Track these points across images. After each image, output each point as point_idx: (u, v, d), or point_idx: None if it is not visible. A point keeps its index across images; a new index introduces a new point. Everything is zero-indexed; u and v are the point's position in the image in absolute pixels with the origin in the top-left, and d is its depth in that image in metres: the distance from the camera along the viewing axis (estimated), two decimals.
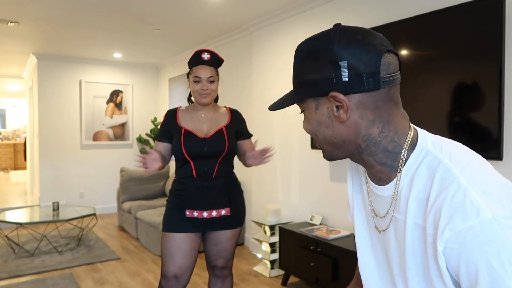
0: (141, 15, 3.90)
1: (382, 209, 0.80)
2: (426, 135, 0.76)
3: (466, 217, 0.62)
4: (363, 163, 0.79)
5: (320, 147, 0.82)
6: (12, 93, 10.94)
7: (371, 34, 0.72)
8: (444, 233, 0.64)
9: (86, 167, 6.18)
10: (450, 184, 0.66)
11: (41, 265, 3.77)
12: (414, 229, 0.71)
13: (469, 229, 0.61)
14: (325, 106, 0.75)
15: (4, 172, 11.28)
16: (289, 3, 3.52)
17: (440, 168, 0.69)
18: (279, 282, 3.34)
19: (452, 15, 2.28)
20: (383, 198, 0.79)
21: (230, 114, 2.13)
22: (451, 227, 0.63)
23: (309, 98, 0.76)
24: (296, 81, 0.78)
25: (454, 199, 0.64)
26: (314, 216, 3.33)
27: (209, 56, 2.03)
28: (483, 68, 2.14)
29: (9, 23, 4.12)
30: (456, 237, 0.63)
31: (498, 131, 2.09)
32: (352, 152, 0.77)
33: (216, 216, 2.02)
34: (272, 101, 3.91)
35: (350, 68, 0.70)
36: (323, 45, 0.72)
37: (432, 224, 0.67)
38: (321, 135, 0.78)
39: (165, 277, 2.01)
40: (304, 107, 0.78)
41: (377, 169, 0.77)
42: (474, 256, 0.61)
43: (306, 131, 0.80)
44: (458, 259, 0.63)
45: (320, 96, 0.74)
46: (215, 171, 2.02)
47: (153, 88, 6.76)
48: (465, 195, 0.63)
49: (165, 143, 2.10)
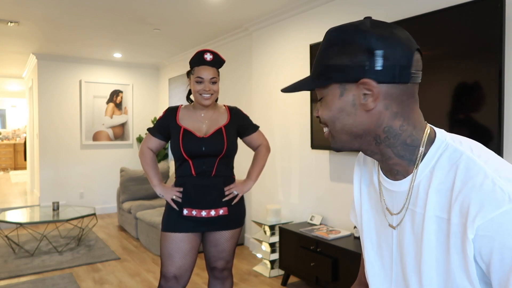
0: (141, 15, 3.90)
1: (397, 205, 0.79)
2: (444, 132, 0.77)
3: (498, 204, 0.62)
4: (379, 155, 0.78)
5: (332, 137, 0.79)
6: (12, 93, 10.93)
7: (403, 30, 0.74)
8: (476, 220, 0.63)
9: (86, 167, 6.18)
10: (477, 174, 0.66)
11: (41, 265, 3.77)
12: (433, 221, 0.71)
13: (503, 214, 0.61)
14: (352, 93, 0.74)
15: (4, 172, 11.27)
16: (289, 3, 3.52)
17: (463, 159, 0.69)
18: (279, 282, 3.34)
19: (452, 15, 2.28)
20: (399, 193, 0.78)
21: (229, 112, 2.12)
22: (483, 214, 0.62)
23: (335, 83, 0.75)
24: (320, 66, 0.76)
25: (483, 187, 0.64)
26: (314, 216, 3.33)
27: (211, 57, 2.02)
28: (483, 68, 2.14)
29: (9, 23, 4.12)
30: (488, 224, 0.62)
31: (498, 131, 2.09)
32: (369, 143, 0.77)
33: (214, 216, 2.02)
34: (272, 101, 3.91)
35: (385, 58, 0.71)
36: (360, 33, 0.72)
37: (459, 214, 0.66)
38: (340, 123, 0.77)
39: (165, 278, 2.01)
40: (325, 93, 0.77)
41: (395, 161, 0.76)
42: (508, 242, 0.61)
43: (324, 119, 0.78)
44: (491, 247, 0.62)
45: (348, 83, 0.74)
46: (214, 170, 2.02)
47: (153, 88, 6.76)
48: (494, 183, 0.63)
49: (157, 139, 2.09)
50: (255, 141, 2.18)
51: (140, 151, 2.13)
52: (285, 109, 3.75)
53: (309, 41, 3.44)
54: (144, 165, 2.11)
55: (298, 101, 3.58)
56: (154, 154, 2.13)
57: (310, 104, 3.31)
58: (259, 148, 2.19)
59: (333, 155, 3.25)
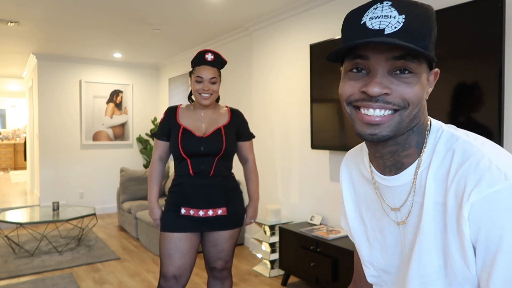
0: (141, 15, 3.90)
1: (398, 200, 0.75)
2: (437, 121, 0.76)
3: (493, 181, 0.60)
4: (399, 146, 0.72)
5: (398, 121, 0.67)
6: (12, 93, 10.93)
7: None
8: (470, 197, 0.61)
9: (86, 167, 6.18)
10: (473, 154, 0.64)
11: (41, 265, 3.77)
12: (432, 208, 0.69)
13: (496, 192, 0.59)
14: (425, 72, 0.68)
15: (4, 172, 11.28)
16: (289, 3, 3.52)
17: (459, 142, 0.68)
18: (279, 282, 3.34)
19: (452, 15, 2.28)
20: (399, 188, 0.74)
21: (230, 113, 2.13)
22: (477, 191, 0.60)
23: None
24: (429, 36, 0.66)
25: (480, 166, 0.62)
26: (314, 216, 3.33)
27: (212, 57, 2.03)
28: (483, 68, 2.14)
29: (9, 23, 4.12)
30: (481, 201, 0.60)
31: (498, 131, 2.09)
32: (409, 131, 0.71)
33: (212, 216, 2.02)
34: (272, 101, 3.91)
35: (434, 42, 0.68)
36: (433, 12, 0.67)
37: (454, 195, 0.64)
38: (421, 106, 0.69)
39: (164, 277, 2.01)
40: (419, 69, 0.66)
41: (409, 152, 0.72)
42: (500, 221, 0.58)
43: (410, 98, 0.66)
44: (479, 224, 0.60)
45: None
46: (212, 170, 2.02)
47: (153, 88, 6.76)
48: (491, 162, 0.62)
49: (164, 142, 2.10)
50: (245, 150, 2.18)
51: (151, 162, 2.15)
52: (285, 109, 3.75)
53: (309, 41, 3.44)
54: (149, 180, 2.13)
55: (298, 101, 3.58)
56: (163, 167, 2.14)
57: (310, 104, 3.30)
58: (249, 164, 2.20)
59: (333, 155, 3.25)
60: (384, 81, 0.65)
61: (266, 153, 4.02)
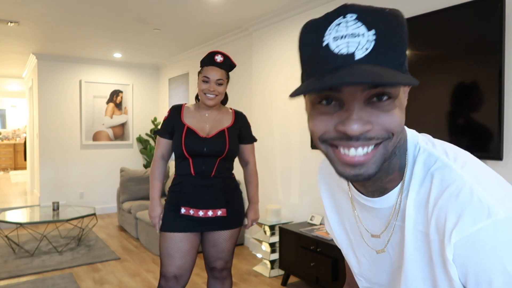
0: (141, 15, 3.90)
1: (380, 224, 0.69)
2: (412, 131, 0.67)
3: (475, 218, 0.54)
4: (382, 172, 0.63)
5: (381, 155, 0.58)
6: (12, 93, 10.94)
7: None
8: (452, 237, 0.55)
9: (86, 167, 6.18)
10: (453, 182, 0.58)
11: (41, 265, 3.77)
12: (414, 236, 0.63)
13: (479, 231, 0.53)
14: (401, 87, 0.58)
15: (4, 172, 11.28)
16: (289, 3, 3.52)
17: (438, 165, 0.61)
18: (279, 282, 3.34)
19: (452, 15, 2.28)
20: (381, 211, 0.68)
21: (234, 115, 2.15)
22: (459, 230, 0.55)
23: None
24: (402, 53, 0.57)
25: (460, 198, 0.56)
26: (314, 216, 3.33)
27: (222, 59, 2.05)
28: (483, 68, 2.14)
29: (9, 23, 4.12)
30: (464, 242, 0.54)
31: (498, 131, 2.09)
32: (391, 155, 0.61)
33: (212, 216, 2.02)
34: (272, 101, 3.91)
35: None
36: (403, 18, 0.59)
37: (435, 229, 0.59)
38: (403, 133, 0.61)
39: (165, 277, 2.01)
40: (395, 91, 0.56)
41: (392, 177, 0.65)
42: (487, 263, 0.53)
43: (393, 128, 0.57)
44: (466, 267, 0.55)
45: None
46: (213, 170, 2.02)
47: (153, 88, 6.76)
48: (472, 193, 0.55)
49: (167, 140, 2.10)
50: (246, 153, 2.19)
51: (153, 159, 2.15)
52: (285, 109, 3.75)
53: None
54: (151, 177, 2.13)
55: (298, 101, 3.58)
56: (165, 164, 2.14)
57: None
58: (249, 167, 2.21)
59: None
60: (363, 116, 0.55)
61: (266, 153, 4.02)
